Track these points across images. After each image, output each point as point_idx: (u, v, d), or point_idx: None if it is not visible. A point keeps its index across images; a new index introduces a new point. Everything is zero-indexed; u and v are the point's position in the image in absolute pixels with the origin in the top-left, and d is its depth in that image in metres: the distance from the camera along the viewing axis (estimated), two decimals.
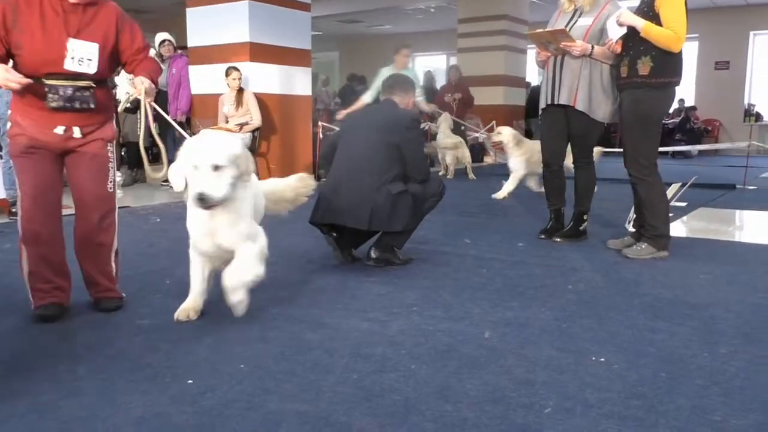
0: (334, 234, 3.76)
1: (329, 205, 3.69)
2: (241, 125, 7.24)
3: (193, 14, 8.07)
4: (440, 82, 14.38)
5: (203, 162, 2.47)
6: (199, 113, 7.90)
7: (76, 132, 2.76)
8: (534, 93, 12.97)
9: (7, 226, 5.02)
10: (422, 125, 9.36)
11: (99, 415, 1.90)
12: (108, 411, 1.93)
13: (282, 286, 3.34)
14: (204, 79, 7.90)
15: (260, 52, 7.70)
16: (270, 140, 7.83)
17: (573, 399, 2.03)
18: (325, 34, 16.57)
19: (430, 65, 16.85)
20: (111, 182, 2.93)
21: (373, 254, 3.75)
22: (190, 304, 2.83)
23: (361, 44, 18.68)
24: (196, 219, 2.70)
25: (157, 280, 3.48)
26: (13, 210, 5.37)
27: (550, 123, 4.42)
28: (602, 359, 2.36)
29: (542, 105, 4.43)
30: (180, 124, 7.89)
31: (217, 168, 2.48)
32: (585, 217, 4.51)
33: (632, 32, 3.81)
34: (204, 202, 2.47)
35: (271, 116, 7.82)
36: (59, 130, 2.72)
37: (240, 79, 7.28)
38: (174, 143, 7.99)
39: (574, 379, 2.18)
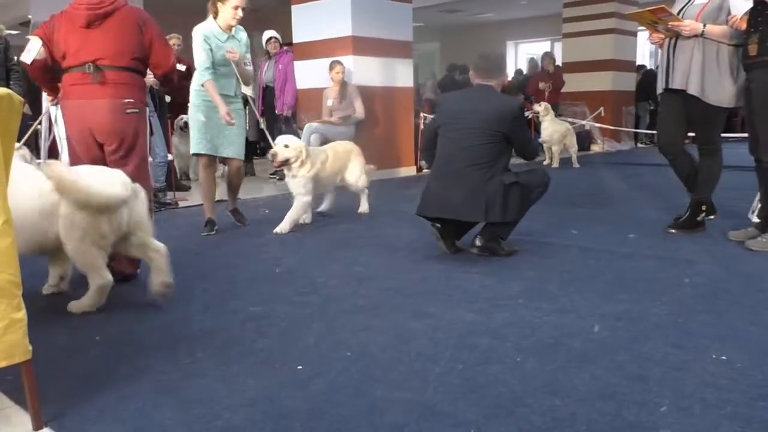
0: (438, 225, 3.75)
1: (438, 199, 3.67)
2: (344, 118, 7.36)
3: (297, 11, 8.28)
4: None
5: None
6: (304, 107, 8.11)
7: None
8: (646, 76, 12.42)
9: None
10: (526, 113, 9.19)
11: (215, 396, 2.00)
12: (223, 392, 2.02)
13: (386, 276, 3.38)
14: (308, 74, 8.10)
15: (363, 46, 7.79)
16: (373, 132, 7.93)
17: (691, 398, 1.93)
18: (426, 24, 16.52)
19: (533, 52, 16.44)
20: None
21: (478, 242, 3.71)
22: None
23: (462, 34, 18.48)
24: None
25: (266, 268, 3.61)
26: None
27: (666, 108, 4.22)
28: (723, 357, 2.22)
29: (659, 89, 4.22)
30: (286, 118, 8.15)
31: None
32: (703, 208, 4.25)
33: (761, 6, 3.54)
34: None
35: (374, 109, 7.90)
36: None
37: (343, 72, 7.40)
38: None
39: (692, 377, 2.07)
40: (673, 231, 4.27)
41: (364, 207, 5.36)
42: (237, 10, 4.47)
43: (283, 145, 4.63)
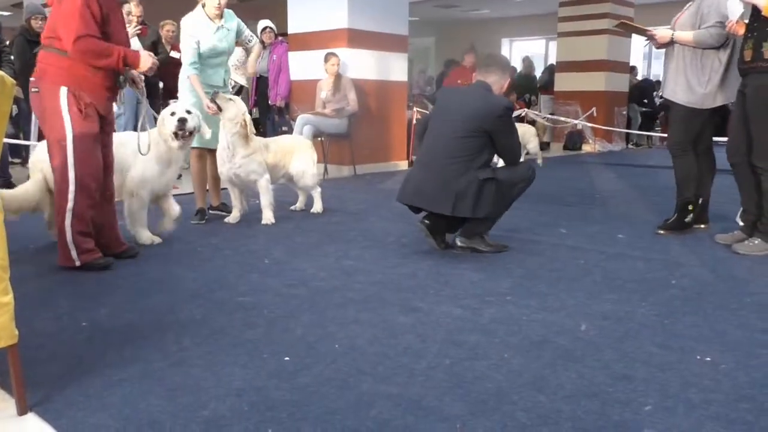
0: (427, 221, 3.76)
1: (413, 186, 3.72)
2: (338, 110, 7.35)
3: (293, 1, 8.24)
4: (538, 68, 14.08)
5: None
6: (298, 99, 8.08)
7: None
8: (644, 83, 12.77)
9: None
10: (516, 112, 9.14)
11: (203, 385, 2.00)
12: (211, 382, 2.02)
13: (375, 270, 3.38)
14: (303, 65, 8.07)
15: (358, 38, 7.77)
16: (366, 126, 7.92)
17: (675, 398, 1.94)
18: (422, 19, 16.50)
19: (528, 51, 16.46)
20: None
21: (458, 242, 3.75)
22: None
23: (458, 30, 18.47)
24: None
25: (256, 259, 3.60)
26: None
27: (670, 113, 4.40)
28: (708, 358, 2.24)
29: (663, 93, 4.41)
30: (279, 109, 8.13)
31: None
32: (690, 208, 4.28)
33: (757, 12, 3.57)
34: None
35: (368, 102, 7.89)
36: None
37: (338, 65, 7.38)
38: (273, 127, 8.24)
39: (677, 377, 2.09)
40: (662, 232, 4.30)
41: (317, 206, 5.08)
42: None
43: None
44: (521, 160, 3.84)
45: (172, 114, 3.90)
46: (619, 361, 2.21)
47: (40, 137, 5.76)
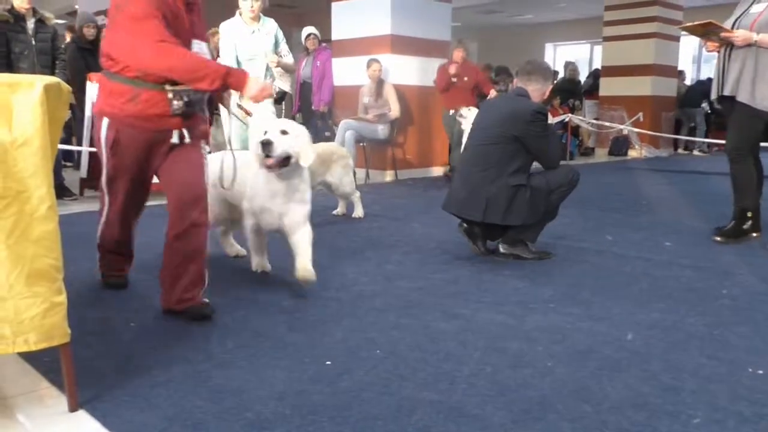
0: (465, 225, 3.75)
1: (451, 194, 3.79)
2: (379, 116, 7.37)
3: (337, 8, 8.32)
4: (583, 73, 13.88)
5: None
6: (341, 104, 8.14)
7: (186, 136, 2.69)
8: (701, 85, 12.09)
9: None
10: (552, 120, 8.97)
11: (245, 387, 2.02)
12: (254, 383, 2.05)
13: (416, 276, 3.38)
14: (346, 71, 8.13)
15: (401, 45, 7.79)
16: (408, 131, 7.92)
17: (725, 411, 1.89)
18: (464, 25, 16.45)
19: (572, 56, 16.26)
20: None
21: (501, 249, 3.73)
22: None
23: (501, 35, 18.36)
24: None
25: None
26: None
27: (728, 113, 4.19)
28: (760, 371, 2.17)
29: (713, 95, 4.24)
30: (322, 114, 8.20)
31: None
32: (748, 215, 4.16)
33: None
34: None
35: (410, 107, 7.90)
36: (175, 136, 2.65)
37: (380, 70, 7.41)
38: (316, 132, 8.31)
39: (727, 390, 2.03)
40: (719, 239, 4.18)
41: (358, 211, 5.11)
42: (247, 2, 4.61)
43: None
44: (561, 164, 3.77)
45: (264, 134, 2.93)
46: (666, 372, 2.16)
47: (92, 143, 5.95)
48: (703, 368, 2.20)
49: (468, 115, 6.72)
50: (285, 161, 2.91)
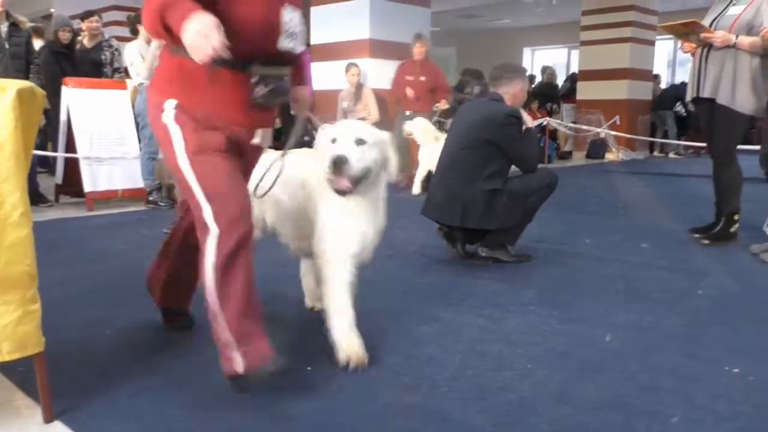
0: (445, 228, 3.77)
1: (429, 199, 3.80)
2: (360, 120, 7.36)
3: (316, 13, 8.31)
4: (561, 77, 13.99)
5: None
6: (320, 109, 8.12)
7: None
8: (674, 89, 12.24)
9: (146, 213, 5.40)
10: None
11: (224, 396, 1.99)
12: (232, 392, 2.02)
13: (396, 280, 3.37)
14: (325, 76, 8.12)
15: (380, 49, 7.80)
16: None
17: (703, 410, 1.91)
18: (443, 29, 16.53)
19: (550, 60, 16.40)
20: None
21: (481, 252, 3.75)
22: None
23: (479, 39, 18.48)
24: None
25: (276, 270, 3.61)
26: (150, 198, 5.78)
27: (704, 115, 4.19)
28: (736, 370, 2.20)
29: (688, 97, 4.27)
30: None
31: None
32: (735, 218, 4.20)
33: None
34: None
35: (389, 112, 7.90)
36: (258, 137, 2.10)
37: (359, 75, 7.41)
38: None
39: (704, 388, 2.05)
40: (706, 242, 4.22)
41: None
42: None
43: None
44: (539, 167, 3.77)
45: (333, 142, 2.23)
46: (644, 372, 2.18)
47: (68, 148, 5.87)
48: (680, 368, 2.22)
49: (414, 129, 6.38)
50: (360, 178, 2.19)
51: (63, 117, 5.86)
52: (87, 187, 5.63)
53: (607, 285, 3.29)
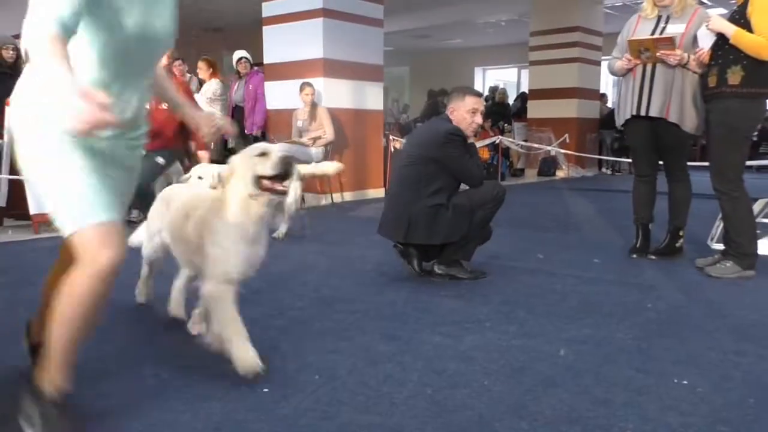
0: (401, 246, 3.80)
1: (382, 217, 3.87)
2: (314, 139, 7.37)
3: (269, 32, 8.30)
4: (511, 96, 14.29)
5: None
6: (274, 128, 8.10)
7: None
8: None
9: None
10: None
11: (180, 419, 1.97)
12: (189, 416, 1.99)
13: (353, 299, 3.37)
14: (279, 95, 8.11)
15: (333, 68, 7.84)
16: (342, 154, 7.94)
17: (654, 422, 1.96)
18: (396, 49, 16.72)
19: (501, 79, 16.74)
20: None
21: (437, 269, 3.79)
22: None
23: (432, 59, 18.75)
24: None
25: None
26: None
27: (641, 134, 4.21)
28: (685, 381, 2.27)
29: (627, 115, 4.19)
30: (255, 138, 8.13)
31: None
32: (681, 233, 4.33)
33: (722, 40, 3.64)
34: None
35: (344, 130, 7.93)
36: None
37: (313, 94, 7.42)
38: None
39: (656, 401, 2.11)
40: (654, 257, 4.33)
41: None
42: None
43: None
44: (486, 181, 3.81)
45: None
46: (598, 386, 2.23)
47: (12, 171, 5.69)
48: (632, 381, 2.28)
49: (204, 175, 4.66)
50: None
51: (6, 138, 5.68)
52: (32, 209, 5.46)
53: (561, 300, 3.35)
